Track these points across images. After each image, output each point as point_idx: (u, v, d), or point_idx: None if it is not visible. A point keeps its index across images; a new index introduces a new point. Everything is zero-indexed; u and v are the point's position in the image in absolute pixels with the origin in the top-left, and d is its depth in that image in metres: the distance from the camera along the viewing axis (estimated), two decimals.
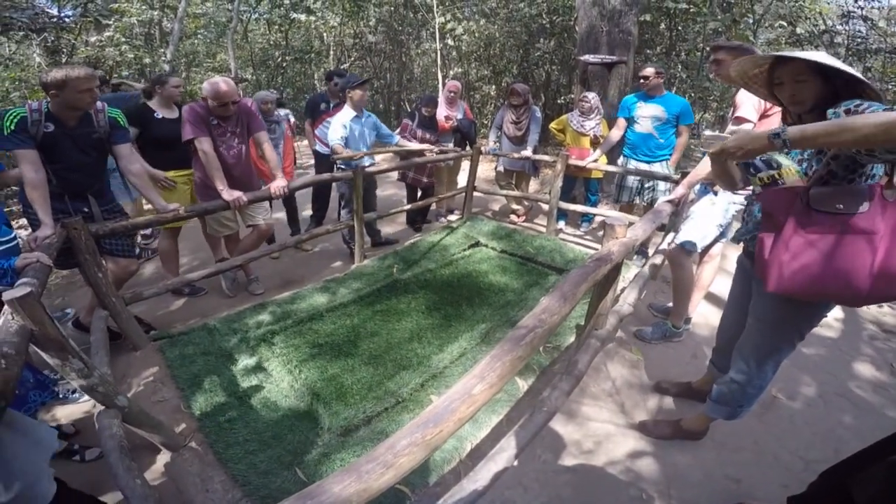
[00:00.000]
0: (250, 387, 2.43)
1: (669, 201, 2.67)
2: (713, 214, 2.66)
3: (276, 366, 2.62)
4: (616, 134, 4.14)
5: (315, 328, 2.99)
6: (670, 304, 3.30)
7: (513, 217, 5.48)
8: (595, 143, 4.53)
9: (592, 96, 4.52)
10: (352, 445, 2.07)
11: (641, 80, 3.81)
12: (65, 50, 8.41)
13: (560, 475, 2.04)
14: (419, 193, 5.02)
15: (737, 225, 1.91)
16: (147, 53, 9.41)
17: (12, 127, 2.14)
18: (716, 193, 2.67)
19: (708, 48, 7.97)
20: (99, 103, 2.42)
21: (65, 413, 2.42)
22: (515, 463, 1.55)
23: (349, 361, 2.68)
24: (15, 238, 2.06)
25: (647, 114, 3.85)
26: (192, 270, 3.52)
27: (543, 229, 4.83)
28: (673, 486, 1.99)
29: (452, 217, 5.56)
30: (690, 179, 2.65)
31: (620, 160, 4.28)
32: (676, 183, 3.54)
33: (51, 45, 8.06)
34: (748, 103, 2.31)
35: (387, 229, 5.15)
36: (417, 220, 5.26)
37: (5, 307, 1.32)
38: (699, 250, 2.77)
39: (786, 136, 1.19)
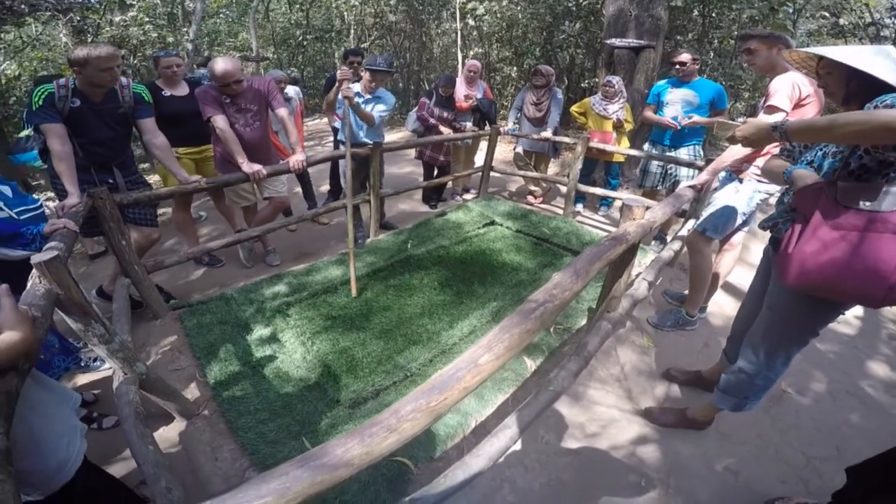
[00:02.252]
0: (264, 357, 2.49)
1: (692, 187, 2.61)
2: (737, 202, 2.59)
3: (290, 337, 2.66)
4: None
5: (329, 301, 3.03)
6: (686, 292, 3.25)
7: (530, 198, 5.43)
8: (618, 126, 4.45)
9: (617, 80, 4.41)
10: (359, 417, 2.11)
11: (677, 66, 3.69)
12: (90, 30, 8.49)
13: (562, 457, 2.05)
14: (436, 172, 5.00)
15: (762, 216, 1.87)
16: (170, 33, 9.45)
17: (40, 102, 2.23)
18: (741, 181, 2.60)
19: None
20: (123, 79, 2.50)
21: (86, 381, 2.49)
22: (518, 444, 1.56)
23: (361, 335, 2.71)
24: (41, 206, 2.13)
25: (677, 98, 3.74)
26: (212, 241, 3.58)
27: (560, 211, 4.79)
28: (673, 475, 1.98)
29: (468, 196, 5.54)
30: (715, 166, 2.59)
31: (646, 146, 4.19)
32: (700, 170, 3.47)
33: (76, 25, 8.15)
34: (782, 92, 2.24)
35: (402, 206, 5.17)
36: (433, 197, 5.26)
37: (33, 271, 1.36)
38: (720, 238, 2.71)
39: (784, 129, 1.27)
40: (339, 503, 1.70)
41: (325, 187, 4.95)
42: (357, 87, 3.71)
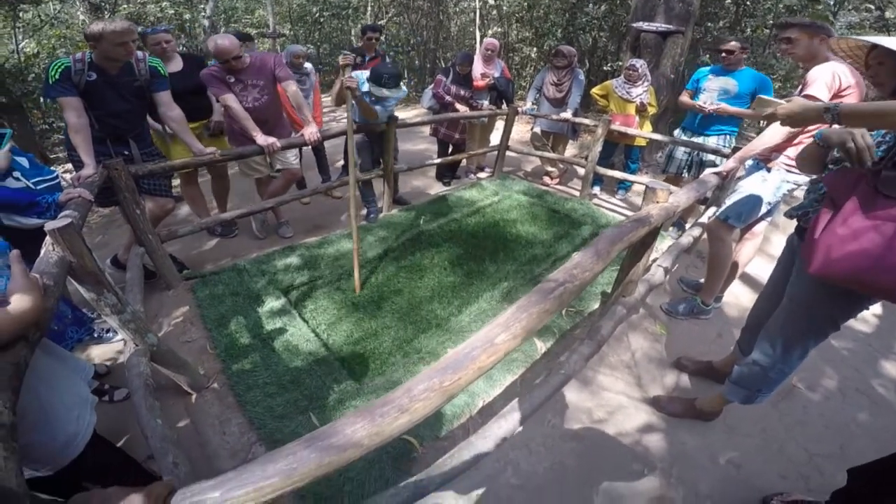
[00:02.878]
0: (274, 329, 2.49)
1: (716, 173, 2.53)
2: (763, 191, 2.51)
3: (300, 310, 2.67)
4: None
5: (340, 275, 3.02)
6: (702, 280, 3.19)
7: (546, 179, 5.35)
8: (641, 110, 4.33)
9: (641, 64, 4.27)
10: (366, 393, 2.10)
11: (723, 55, 3.54)
12: (107, 7, 8.42)
13: (567, 442, 2.04)
14: (450, 149, 4.93)
15: (785, 208, 1.80)
16: (187, 9, 9.36)
17: (56, 76, 2.26)
18: (769, 170, 2.52)
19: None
20: (139, 53, 2.52)
21: (99, 352, 2.53)
22: (520, 428, 1.53)
23: (370, 310, 2.71)
24: (57, 176, 2.19)
25: (715, 87, 3.61)
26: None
27: (577, 193, 4.71)
28: (676, 465, 1.98)
29: (482, 175, 5.48)
30: (743, 154, 2.50)
31: (676, 131, 4.09)
32: (726, 157, 3.37)
33: (94, 2, 8.11)
34: (821, 81, 2.15)
35: (416, 183, 5.14)
36: (447, 175, 5.20)
37: (46, 238, 1.35)
38: (742, 226, 2.64)
39: (837, 111, 1.21)
40: (343, 480, 1.70)
41: (341, 162, 4.92)
42: (363, 77, 3.59)
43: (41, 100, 6.25)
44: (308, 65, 4.19)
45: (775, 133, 2.30)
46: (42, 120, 6.77)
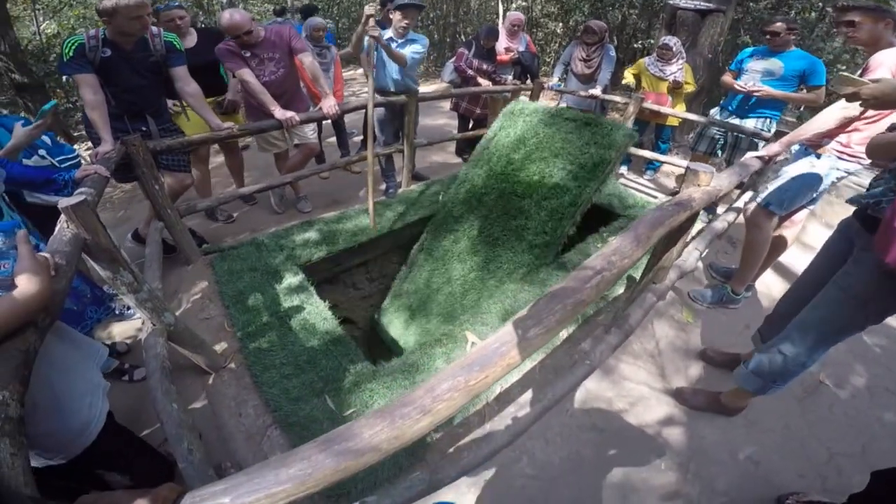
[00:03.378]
0: (291, 307, 2.46)
1: (759, 157, 2.38)
2: (810, 178, 2.37)
3: (318, 287, 2.62)
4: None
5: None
6: (733, 267, 3.10)
7: None
8: (675, 88, 4.14)
9: (675, 42, 4.06)
10: (382, 376, 2.07)
11: (768, 37, 3.33)
12: None
13: (584, 432, 2.00)
14: (471, 124, 4.78)
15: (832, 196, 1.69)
16: None
17: (71, 53, 2.23)
18: (818, 156, 2.38)
19: (829, 7, 6.98)
20: (154, 28, 2.47)
21: (119, 330, 2.54)
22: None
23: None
24: (77, 155, 2.24)
25: (759, 68, 3.41)
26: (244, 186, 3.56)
27: None
28: (694, 460, 1.93)
29: None
30: (791, 139, 2.35)
31: (713, 110, 3.91)
32: (766, 141, 3.22)
33: None
34: (886, 66, 1.99)
35: (435, 158, 5.04)
36: (466, 150, 5.05)
37: (61, 216, 1.31)
38: (783, 213, 2.49)
39: None
40: None
41: (359, 137, 4.84)
42: (389, 32, 3.51)
43: (63, 79, 6.29)
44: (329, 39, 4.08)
45: (830, 117, 2.15)
46: (65, 99, 6.83)
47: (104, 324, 2.51)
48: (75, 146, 2.64)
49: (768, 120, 3.56)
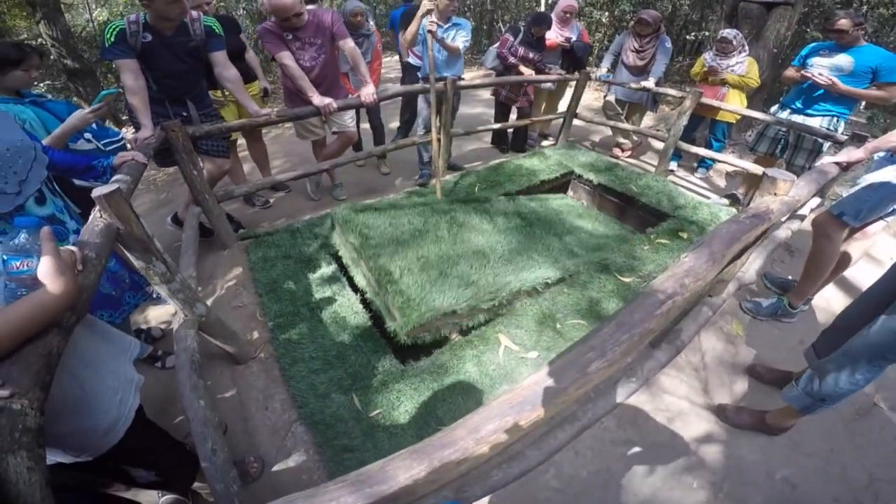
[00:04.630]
0: (323, 298, 2.42)
1: (837, 163, 2.15)
2: (894, 189, 2.13)
3: (349, 279, 2.57)
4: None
5: (391, 243, 2.89)
6: (790, 278, 2.90)
7: (616, 150, 4.96)
8: (738, 85, 3.88)
9: (734, 35, 3.76)
10: (410, 376, 2.00)
11: (836, 34, 3.05)
12: None
13: (617, 447, 1.92)
14: (512, 114, 4.61)
15: None
16: None
17: (112, 39, 2.24)
18: None
19: None
20: (194, 13, 2.46)
21: (155, 315, 2.56)
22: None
23: (416, 291, 2.56)
24: (122, 137, 2.25)
25: (826, 63, 3.14)
26: (282, 173, 3.55)
27: (652, 168, 4.31)
28: (728, 479, 1.85)
29: (545, 143, 5.14)
30: (878, 144, 2.11)
31: (774, 108, 3.63)
32: (840, 144, 2.95)
33: None
34: None
35: (469, 147, 4.93)
36: (504, 142, 4.93)
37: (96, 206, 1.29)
38: (858, 225, 2.26)
39: None
40: None
41: (394, 124, 4.75)
42: (432, 16, 3.40)
43: (113, 65, 6.51)
44: (371, 23, 3.91)
45: None
46: (116, 84, 7.06)
47: (141, 307, 2.54)
48: (122, 130, 2.67)
49: (835, 119, 3.27)
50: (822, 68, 3.13)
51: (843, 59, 3.05)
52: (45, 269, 0.87)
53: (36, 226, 0.94)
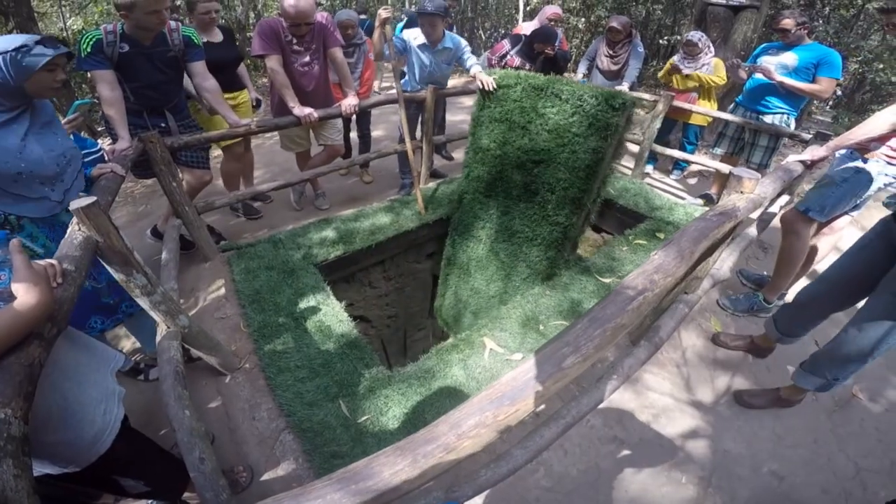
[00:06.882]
0: (307, 308, 2.42)
1: (802, 161, 2.25)
2: (855, 184, 2.25)
3: (334, 288, 2.58)
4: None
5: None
6: (764, 274, 2.99)
7: None
8: (704, 85, 4.00)
9: (699, 37, 3.89)
10: (397, 382, 2.02)
11: (781, 33, 3.21)
12: None
13: (604, 444, 1.94)
14: None
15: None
16: None
17: (88, 49, 2.19)
18: (865, 161, 2.25)
19: (871, 6, 6.81)
20: (172, 23, 2.42)
21: None
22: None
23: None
24: (100, 150, 2.18)
25: (774, 60, 3.29)
26: (263, 183, 3.55)
27: (628, 171, 4.40)
28: (716, 474, 1.89)
29: None
30: (839, 143, 2.21)
31: (730, 107, 3.80)
32: (803, 143, 3.10)
33: None
34: None
35: (454, 155, 4.98)
36: None
37: (73, 218, 1.28)
38: (824, 220, 2.36)
39: None
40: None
41: (377, 132, 4.79)
42: (421, 38, 3.39)
43: (87, 75, 6.43)
44: (363, 32, 3.88)
45: (881, 122, 2.01)
46: (91, 94, 6.96)
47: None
48: (98, 141, 2.64)
49: (786, 116, 3.43)
50: (770, 66, 3.27)
51: (789, 57, 3.20)
52: (20, 278, 0.88)
53: (3, 239, 0.95)
